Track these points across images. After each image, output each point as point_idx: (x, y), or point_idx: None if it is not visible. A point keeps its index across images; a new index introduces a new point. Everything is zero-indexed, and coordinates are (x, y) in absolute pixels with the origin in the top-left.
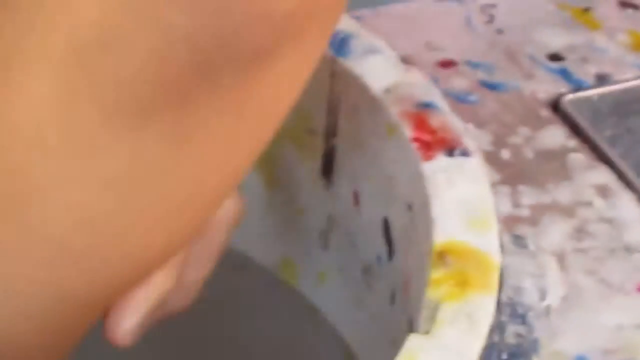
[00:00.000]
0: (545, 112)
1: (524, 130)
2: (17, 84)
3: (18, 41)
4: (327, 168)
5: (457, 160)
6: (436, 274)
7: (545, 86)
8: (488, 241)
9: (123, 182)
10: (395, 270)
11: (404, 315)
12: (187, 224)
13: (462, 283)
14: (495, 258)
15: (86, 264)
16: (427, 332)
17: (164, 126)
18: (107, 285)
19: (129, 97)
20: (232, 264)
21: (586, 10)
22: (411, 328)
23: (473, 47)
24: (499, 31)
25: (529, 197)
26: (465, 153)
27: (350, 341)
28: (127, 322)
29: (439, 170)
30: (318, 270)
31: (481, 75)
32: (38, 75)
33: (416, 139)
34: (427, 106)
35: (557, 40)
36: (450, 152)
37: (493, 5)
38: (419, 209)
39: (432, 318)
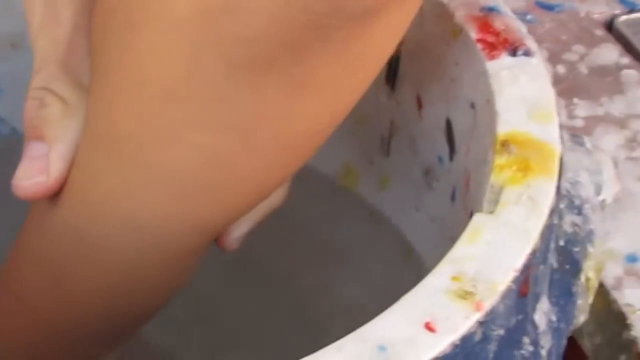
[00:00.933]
0: (600, 32)
1: (578, 48)
2: (146, 44)
3: (145, 6)
4: (391, 75)
5: (520, 60)
6: (500, 160)
7: (600, 7)
8: (549, 132)
9: (245, 125)
10: (457, 169)
11: (465, 210)
12: (299, 158)
13: (525, 168)
14: (556, 146)
15: (212, 197)
16: (491, 212)
17: (282, 77)
18: (230, 213)
19: (251, 52)
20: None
21: None
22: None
23: None
24: None
25: (583, 109)
26: (527, 53)
27: (411, 240)
28: (238, 231)
29: (503, 68)
30: (379, 176)
31: None
32: (166, 35)
33: (480, 40)
34: (490, 10)
35: None
36: (513, 52)
37: None
38: (482, 106)
39: (496, 201)
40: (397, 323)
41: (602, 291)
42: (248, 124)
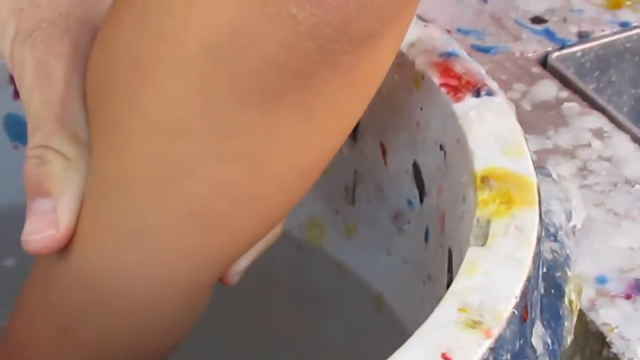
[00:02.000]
0: (536, 69)
1: (519, 86)
2: (156, 86)
3: (153, 50)
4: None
5: (484, 99)
6: (482, 195)
7: (533, 46)
8: (523, 165)
9: (258, 154)
10: (429, 209)
11: (442, 248)
12: (309, 181)
13: (507, 201)
14: (532, 178)
15: (227, 228)
16: (482, 245)
17: (291, 103)
18: (243, 243)
19: (261, 82)
20: None
21: None
22: (450, 257)
23: (461, 16)
24: (483, 1)
25: (532, 143)
26: (490, 93)
27: (379, 287)
28: (240, 266)
29: (469, 108)
30: (346, 225)
31: (473, 40)
32: (176, 75)
33: (444, 84)
34: (449, 55)
35: (537, 5)
36: (477, 92)
37: None
38: (452, 146)
39: (485, 234)
40: (416, 356)
41: (579, 313)
42: (260, 152)
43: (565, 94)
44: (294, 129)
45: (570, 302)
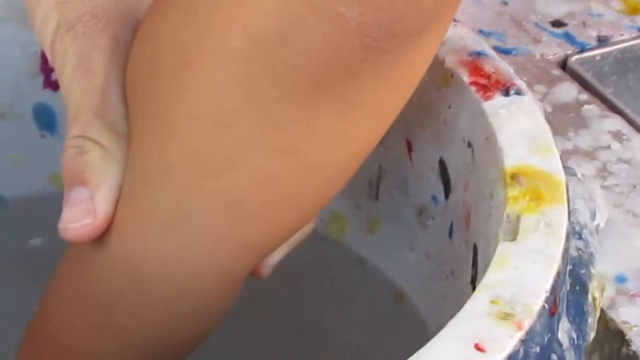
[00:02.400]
0: (556, 71)
1: (540, 88)
2: (201, 78)
3: (199, 42)
4: None
5: (513, 98)
6: (512, 192)
7: (553, 49)
8: (552, 163)
9: (300, 147)
10: (454, 205)
11: (466, 244)
12: (345, 177)
13: (537, 198)
14: (561, 176)
15: (267, 219)
16: (512, 240)
17: (334, 99)
18: (280, 235)
19: (305, 77)
20: None
21: None
22: (475, 253)
23: (482, 18)
24: (504, 3)
25: None
26: (519, 92)
27: (400, 282)
28: (273, 259)
29: (499, 107)
30: (368, 220)
31: (494, 42)
32: (222, 68)
33: (473, 83)
34: (479, 54)
35: (557, 8)
36: (506, 92)
37: None
38: (481, 144)
39: (515, 230)
40: (450, 346)
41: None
42: (302, 146)
43: (584, 96)
44: (334, 123)
45: (594, 299)
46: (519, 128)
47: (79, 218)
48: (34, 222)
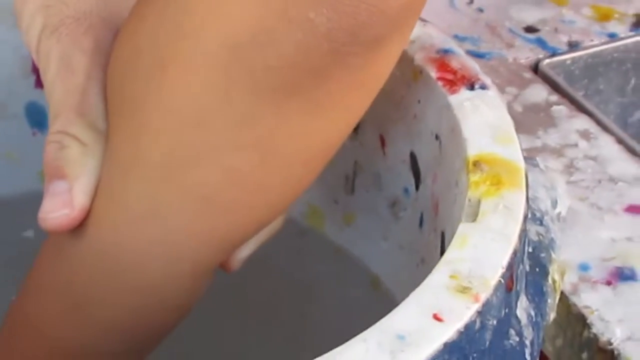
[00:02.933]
0: (528, 74)
1: (511, 90)
2: (176, 79)
3: (174, 44)
4: None
5: (478, 92)
6: (474, 177)
7: (525, 53)
8: (513, 152)
9: (268, 144)
10: (423, 196)
11: (435, 232)
12: (314, 172)
13: (497, 183)
14: (521, 164)
15: (234, 214)
16: (473, 222)
17: (303, 100)
18: (250, 229)
19: (277, 80)
20: None
21: None
22: (443, 239)
23: (458, 24)
24: (479, 10)
25: (523, 142)
26: (483, 86)
27: (377, 271)
28: (243, 253)
29: (464, 100)
30: (344, 213)
31: (468, 46)
32: (196, 70)
33: (440, 78)
34: (446, 52)
35: (530, 15)
36: (471, 86)
37: None
38: (447, 135)
39: (475, 213)
40: (410, 316)
41: (561, 297)
42: (270, 143)
43: (554, 97)
44: (304, 123)
45: (554, 281)
46: (482, 119)
47: (57, 209)
48: (26, 218)
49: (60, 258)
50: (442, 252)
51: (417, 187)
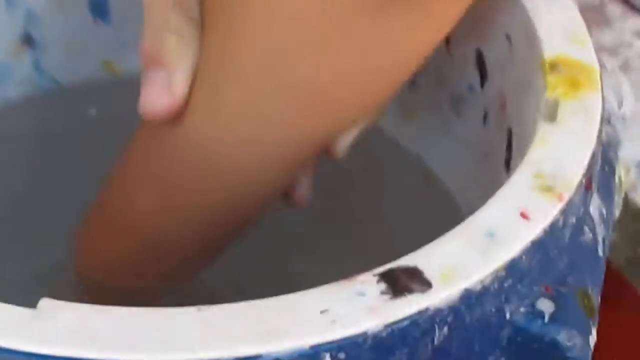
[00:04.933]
0: None
1: None
2: None
3: None
4: None
5: None
6: (551, 79)
7: None
8: (587, 54)
9: (367, 51)
10: (489, 94)
11: (500, 129)
12: (405, 76)
13: (575, 85)
14: (596, 66)
15: (329, 108)
16: (552, 122)
17: (401, 12)
18: (344, 125)
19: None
20: None
21: None
22: (510, 136)
23: None
24: None
25: None
26: None
27: (433, 166)
28: (345, 141)
29: (538, 1)
30: (404, 109)
31: None
32: None
33: None
34: None
35: None
36: None
37: None
38: (519, 36)
39: (553, 113)
40: (498, 214)
41: None
42: (370, 49)
43: None
44: (401, 32)
45: (620, 179)
46: (556, 20)
47: (157, 98)
48: (89, 98)
49: (155, 149)
50: (509, 148)
51: (482, 85)
